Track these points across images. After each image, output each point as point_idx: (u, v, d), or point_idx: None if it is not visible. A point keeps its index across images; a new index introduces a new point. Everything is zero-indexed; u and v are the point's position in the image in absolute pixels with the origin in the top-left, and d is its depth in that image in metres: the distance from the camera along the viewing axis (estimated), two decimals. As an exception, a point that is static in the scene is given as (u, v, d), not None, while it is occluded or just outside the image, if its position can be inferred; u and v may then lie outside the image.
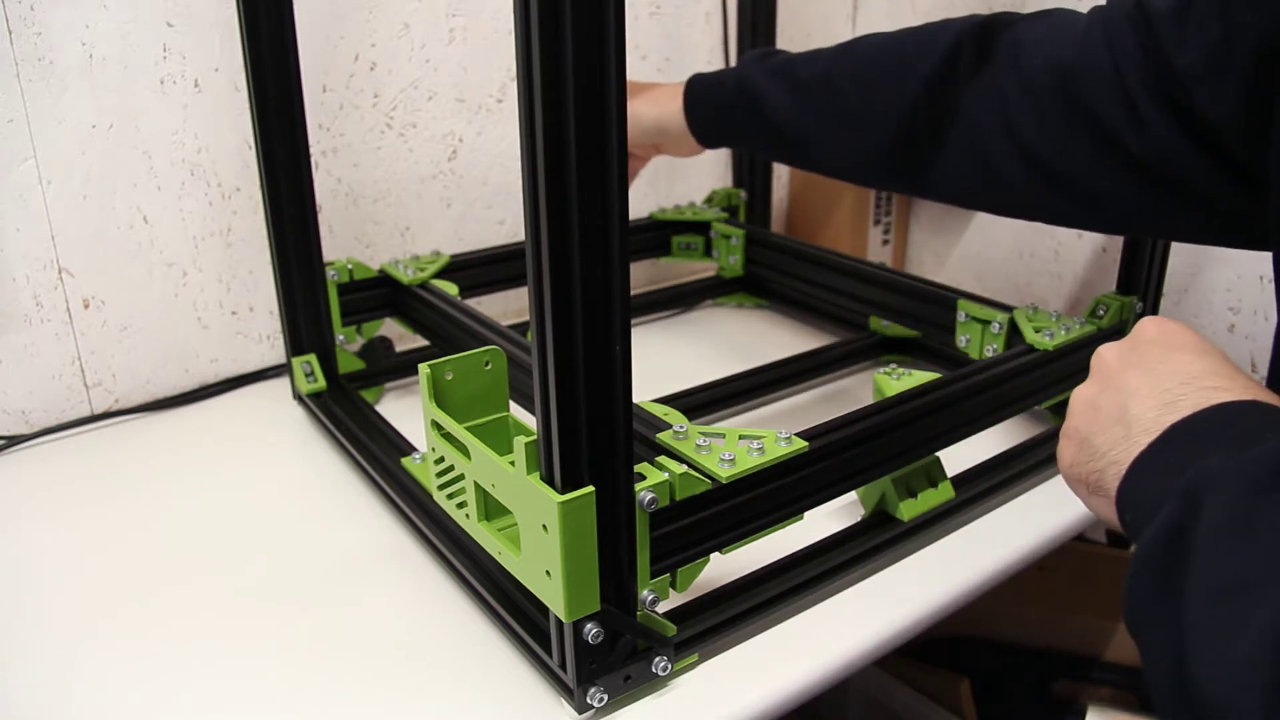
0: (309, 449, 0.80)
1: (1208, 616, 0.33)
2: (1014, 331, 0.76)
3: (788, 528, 0.58)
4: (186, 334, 0.89)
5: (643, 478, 0.50)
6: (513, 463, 0.47)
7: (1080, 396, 0.49)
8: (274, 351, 0.94)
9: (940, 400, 0.64)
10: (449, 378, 0.53)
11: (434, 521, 0.65)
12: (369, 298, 0.87)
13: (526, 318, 0.75)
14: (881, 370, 0.69)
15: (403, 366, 0.90)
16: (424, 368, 0.53)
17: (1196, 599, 0.34)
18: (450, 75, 0.97)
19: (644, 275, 1.15)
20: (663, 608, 0.55)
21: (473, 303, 0.85)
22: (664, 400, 0.75)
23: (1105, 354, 0.49)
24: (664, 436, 0.56)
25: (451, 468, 0.54)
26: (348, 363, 0.87)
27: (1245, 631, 0.31)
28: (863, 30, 1.22)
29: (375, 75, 0.92)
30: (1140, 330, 0.48)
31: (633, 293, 0.49)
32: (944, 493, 0.66)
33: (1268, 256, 0.54)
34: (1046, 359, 0.72)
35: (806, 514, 0.58)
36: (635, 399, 0.47)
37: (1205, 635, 0.33)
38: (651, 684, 0.53)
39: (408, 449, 0.73)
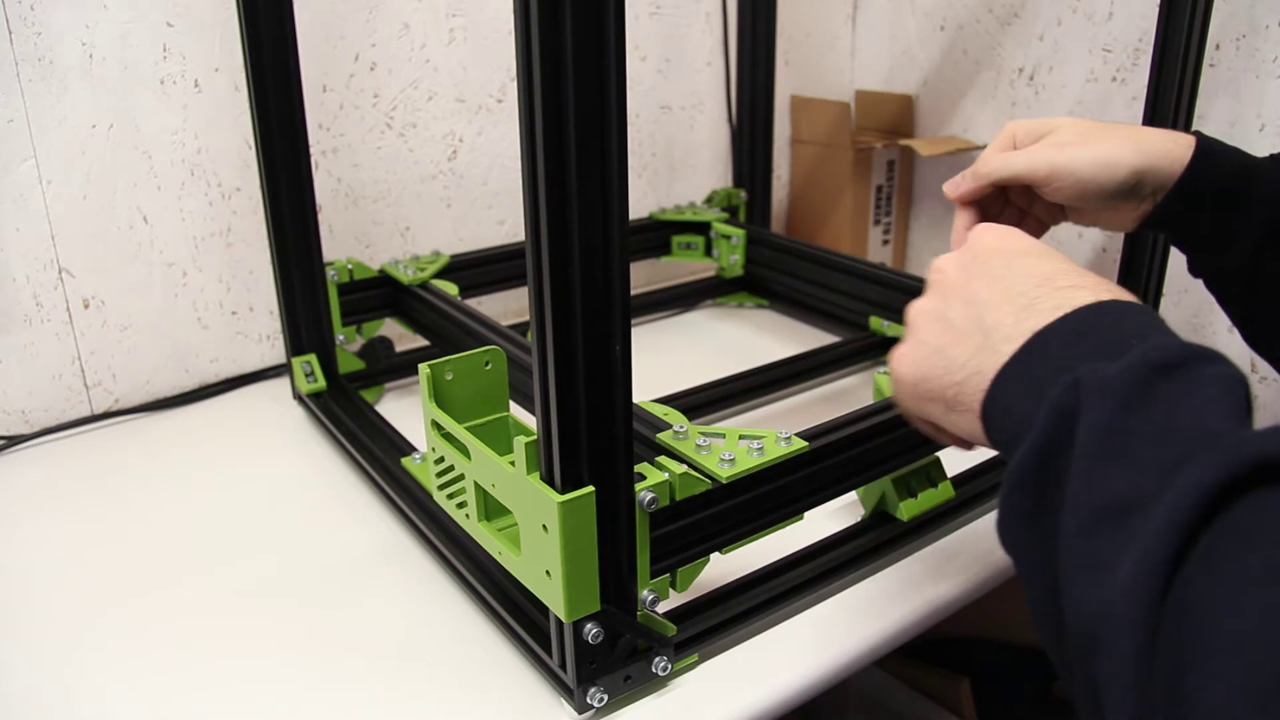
0: (309, 449, 0.80)
1: (1081, 545, 0.32)
2: (1014, 331, 0.76)
3: (788, 528, 0.58)
4: (186, 334, 0.89)
5: (643, 478, 0.50)
6: (513, 463, 0.47)
7: (923, 310, 0.46)
8: (274, 351, 0.94)
9: (940, 400, 0.64)
10: (449, 378, 0.53)
11: (434, 521, 0.65)
12: (369, 298, 0.87)
13: (526, 318, 0.75)
14: (881, 370, 0.69)
15: (403, 366, 0.90)
16: (424, 368, 0.53)
17: (1069, 526, 0.33)
18: (450, 75, 0.97)
19: (644, 275, 1.15)
20: (663, 608, 0.55)
21: (473, 303, 0.85)
22: (664, 400, 0.75)
23: (945, 266, 0.47)
24: (664, 436, 0.56)
25: (451, 468, 0.54)
26: (348, 363, 0.87)
27: (1118, 563, 0.30)
28: (862, 30, 1.23)
29: (375, 75, 0.92)
30: (977, 238, 0.46)
31: (633, 293, 0.49)
32: (944, 493, 0.66)
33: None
34: (1046, 359, 0.72)
35: (806, 514, 0.58)
36: (635, 399, 0.47)
37: (1079, 564, 0.32)
38: (651, 684, 0.53)
39: (408, 449, 0.73)
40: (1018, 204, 0.63)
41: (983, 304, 0.43)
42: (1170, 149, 0.57)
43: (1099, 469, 0.33)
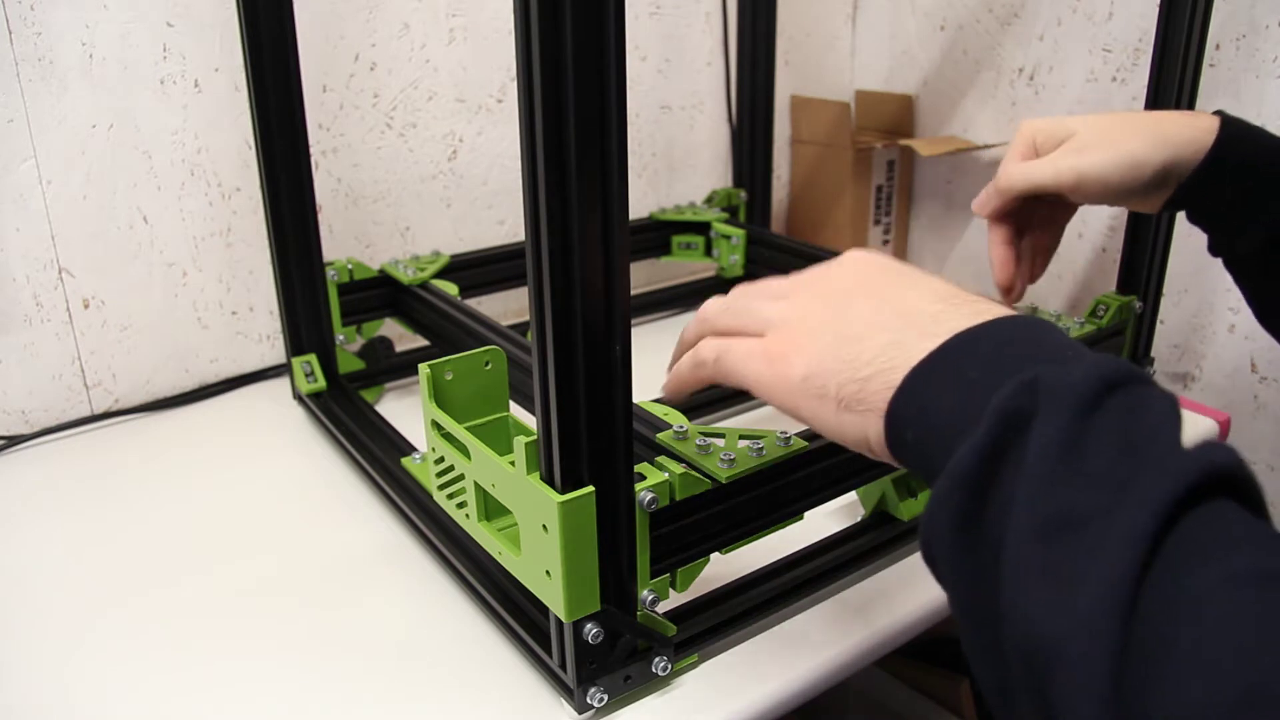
0: (309, 449, 0.80)
1: (1034, 554, 0.30)
2: (1014, 331, 0.76)
3: (788, 528, 0.58)
4: (186, 334, 0.89)
5: (643, 478, 0.50)
6: (513, 463, 0.47)
7: (808, 305, 0.44)
8: (274, 351, 0.94)
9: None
10: (449, 378, 0.53)
11: (434, 521, 0.65)
12: (369, 298, 0.87)
13: (526, 318, 0.75)
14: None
15: (403, 366, 0.90)
16: (424, 368, 0.53)
17: (1020, 533, 0.31)
18: (450, 75, 0.97)
19: (644, 275, 1.15)
20: (663, 608, 0.55)
21: (473, 303, 0.85)
22: (664, 400, 0.75)
23: (829, 272, 0.45)
24: (664, 436, 0.56)
25: (451, 468, 0.54)
26: (348, 363, 0.87)
27: (1079, 577, 0.29)
28: (862, 30, 1.23)
29: (375, 75, 0.92)
30: (862, 258, 0.46)
31: (633, 293, 0.49)
32: (944, 493, 0.66)
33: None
34: (1046, 359, 0.72)
35: (806, 514, 0.58)
36: (635, 399, 0.47)
37: (1031, 574, 0.30)
38: (651, 684, 0.53)
39: (408, 449, 0.73)
40: (1048, 200, 0.63)
41: (892, 304, 0.41)
42: (1193, 137, 0.57)
43: (1056, 476, 0.31)
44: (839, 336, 0.42)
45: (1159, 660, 0.27)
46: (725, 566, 0.58)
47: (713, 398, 0.82)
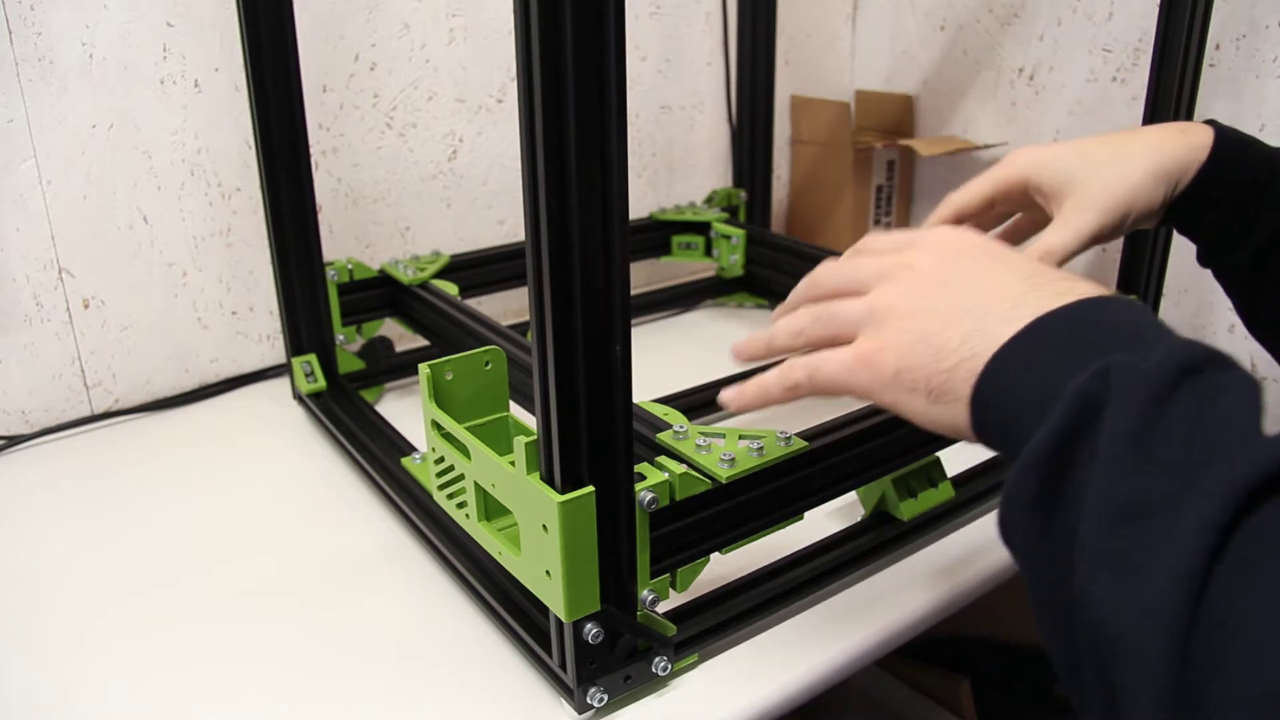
0: (309, 449, 0.80)
1: (1105, 540, 0.31)
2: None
3: (788, 528, 0.58)
4: (186, 334, 0.89)
5: (643, 478, 0.50)
6: (513, 463, 0.47)
7: (893, 301, 0.44)
8: (274, 351, 0.94)
9: (940, 400, 0.64)
10: (449, 378, 0.53)
11: (434, 521, 0.65)
12: (369, 298, 0.87)
13: (526, 318, 0.75)
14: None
15: (403, 366, 0.90)
16: (424, 368, 0.53)
17: (1092, 519, 0.32)
18: (450, 75, 0.97)
19: (644, 275, 1.15)
20: (663, 608, 0.55)
21: (473, 303, 0.85)
22: (664, 400, 0.75)
23: (913, 261, 0.45)
24: (664, 436, 0.56)
25: (451, 468, 0.54)
26: (348, 363, 0.87)
27: (1148, 564, 0.29)
28: (862, 30, 1.23)
29: (375, 75, 0.92)
30: (943, 237, 0.46)
31: (633, 293, 0.49)
32: (944, 493, 0.66)
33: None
34: (1046, 359, 0.72)
35: (806, 514, 0.58)
36: (635, 399, 0.47)
37: (1102, 560, 0.31)
38: (651, 684, 0.53)
39: (408, 449, 0.73)
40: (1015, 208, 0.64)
41: (974, 290, 0.42)
42: (1190, 159, 0.57)
43: (1127, 463, 0.32)
44: (925, 328, 0.42)
45: (1224, 652, 0.27)
46: (725, 566, 0.58)
47: (713, 398, 0.82)
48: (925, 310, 0.43)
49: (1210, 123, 0.58)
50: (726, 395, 0.52)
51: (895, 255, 0.46)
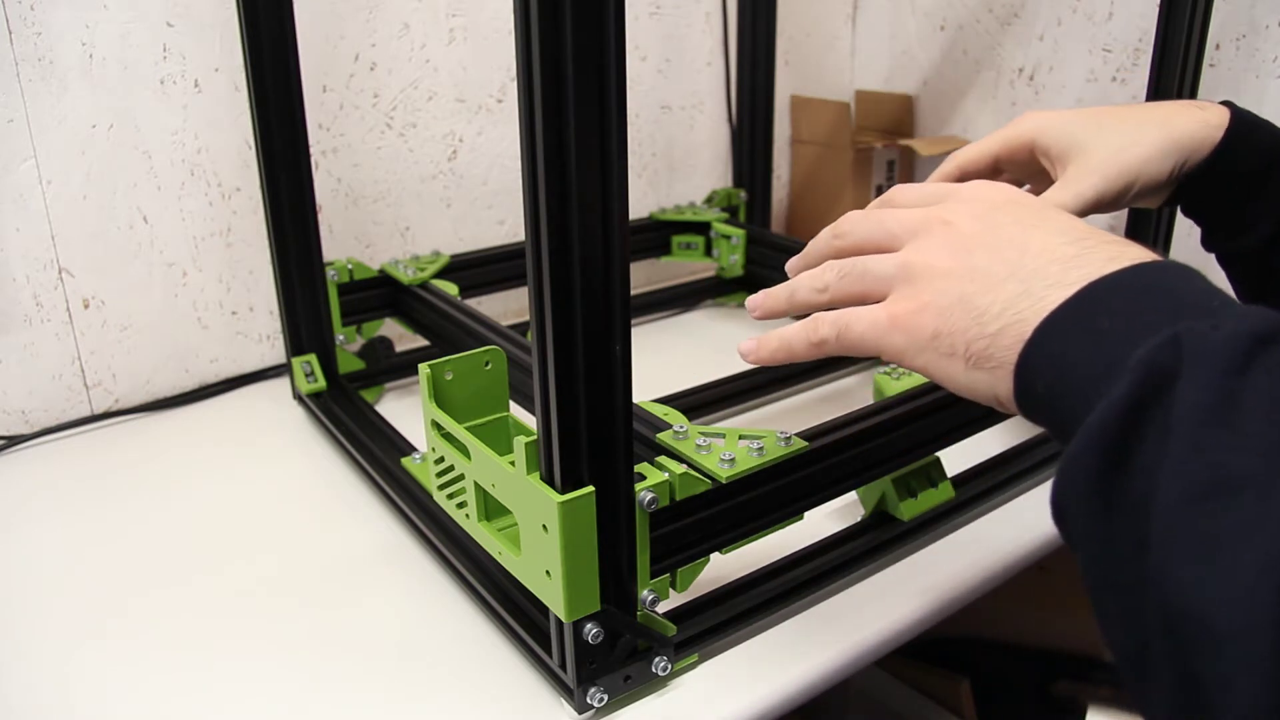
0: (309, 449, 0.80)
1: (1188, 518, 0.29)
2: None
3: (788, 528, 0.58)
4: (186, 334, 0.89)
5: (643, 478, 0.50)
6: (513, 463, 0.47)
7: (929, 260, 0.41)
8: (274, 351, 0.94)
9: (940, 400, 0.64)
10: (449, 378, 0.53)
11: (434, 521, 0.65)
12: (369, 298, 0.87)
13: (526, 318, 0.75)
14: (881, 370, 0.69)
15: (403, 366, 0.90)
16: (424, 368, 0.53)
17: (1171, 495, 0.30)
18: (450, 75, 0.97)
19: (644, 275, 1.15)
20: (663, 608, 0.55)
21: (473, 303, 0.85)
22: (664, 400, 0.75)
23: (950, 217, 0.42)
24: (664, 436, 0.56)
25: (451, 468, 0.54)
26: (348, 363, 0.87)
27: (1244, 550, 0.28)
28: (862, 30, 1.23)
29: (375, 75, 0.92)
30: (981, 191, 0.43)
31: (633, 293, 0.49)
32: (944, 493, 0.66)
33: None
34: (1046, 359, 0.72)
35: (806, 514, 0.58)
36: (635, 399, 0.47)
37: (1185, 539, 0.29)
38: (651, 684, 0.53)
39: (408, 449, 0.73)
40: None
41: (1019, 249, 0.39)
42: (1204, 136, 0.55)
43: (1206, 440, 0.30)
44: (965, 289, 0.40)
45: None
46: (725, 566, 0.58)
47: (713, 398, 0.82)
48: (966, 270, 0.40)
49: (1226, 103, 0.57)
50: (746, 346, 0.50)
51: (930, 209, 0.44)
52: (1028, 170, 0.61)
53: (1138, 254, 0.37)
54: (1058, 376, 0.36)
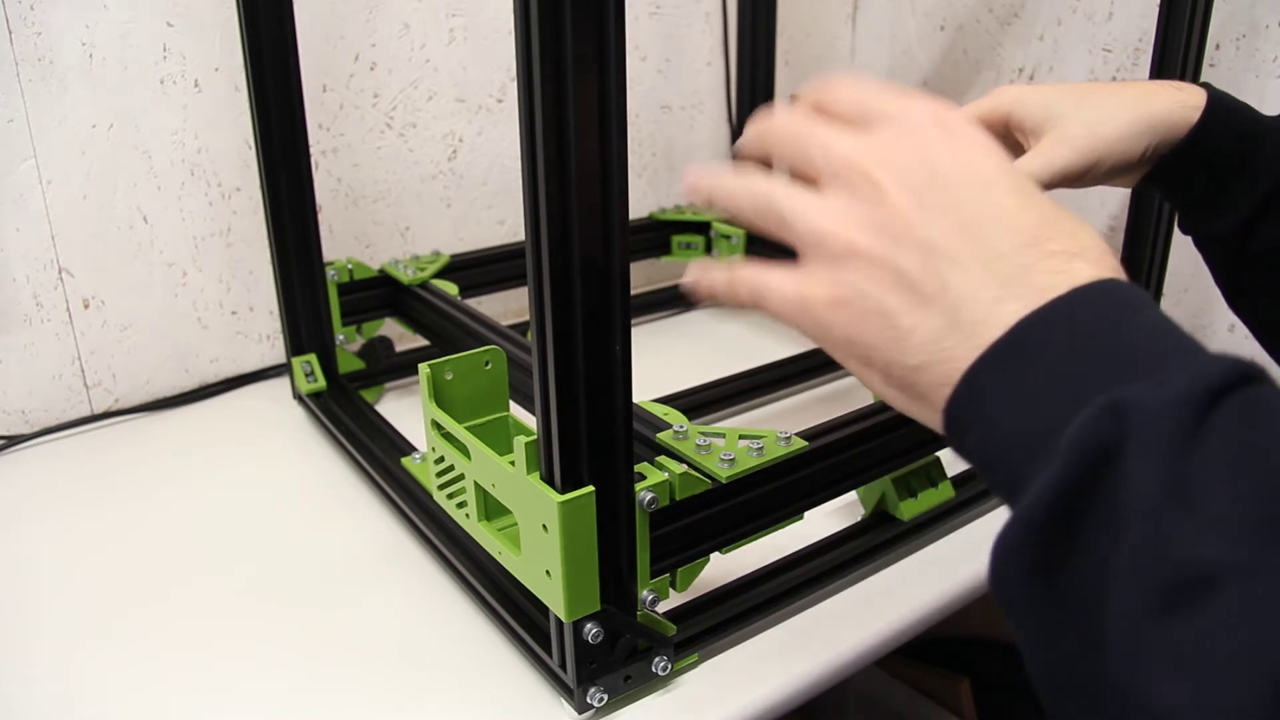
0: (309, 449, 0.80)
1: (1158, 627, 0.25)
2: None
3: (788, 528, 0.58)
4: (186, 334, 0.89)
5: (643, 478, 0.50)
6: (513, 463, 0.47)
7: (853, 237, 0.34)
8: (274, 351, 0.94)
9: (940, 400, 0.64)
10: (449, 378, 0.53)
11: (434, 521, 0.65)
12: (369, 298, 0.87)
13: (526, 318, 0.75)
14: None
15: (403, 366, 0.90)
16: (424, 368, 0.53)
17: (1132, 601, 0.26)
18: (450, 75, 0.97)
19: (644, 275, 1.15)
20: (663, 608, 0.55)
21: (473, 303, 0.85)
22: (664, 400, 0.75)
23: (882, 177, 0.34)
24: (664, 436, 0.56)
25: (451, 468, 0.54)
26: (348, 363, 0.87)
27: (1226, 665, 0.24)
28: (862, 30, 1.23)
29: (375, 75, 0.92)
30: (929, 138, 0.35)
31: (633, 293, 0.49)
32: (944, 493, 0.66)
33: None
34: (1046, 359, 0.72)
35: (806, 514, 0.58)
36: (635, 399, 0.47)
37: (1152, 651, 0.25)
38: (651, 684, 0.53)
39: (408, 449, 0.73)
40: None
41: (947, 260, 0.33)
42: (1181, 116, 0.55)
43: (1166, 525, 0.26)
44: (886, 302, 0.34)
45: None
46: (725, 566, 0.58)
47: (713, 398, 0.82)
48: (889, 272, 0.34)
49: (1204, 85, 0.57)
50: (688, 279, 0.42)
51: (862, 144, 0.36)
52: (1001, 145, 0.60)
53: (1085, 271, 0.32)
54: (988, 437, 0.31)
